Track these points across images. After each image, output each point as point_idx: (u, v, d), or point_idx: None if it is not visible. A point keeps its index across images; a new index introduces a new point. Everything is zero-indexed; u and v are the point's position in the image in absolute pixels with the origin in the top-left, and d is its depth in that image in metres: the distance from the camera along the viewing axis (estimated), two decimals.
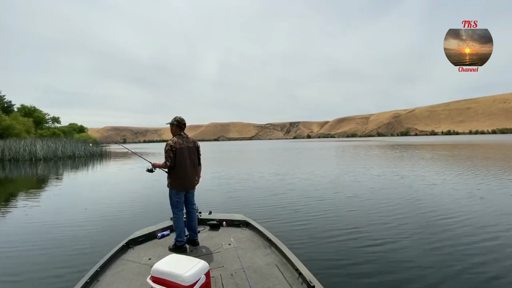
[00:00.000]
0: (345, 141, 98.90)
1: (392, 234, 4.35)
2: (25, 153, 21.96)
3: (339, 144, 57.30)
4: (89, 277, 2.41)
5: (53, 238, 4.57)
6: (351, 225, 4.83)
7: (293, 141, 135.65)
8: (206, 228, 3.75)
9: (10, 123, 31.20)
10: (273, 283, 2.35)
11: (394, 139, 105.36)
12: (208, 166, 16.33)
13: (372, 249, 3.80)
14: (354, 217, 5.35)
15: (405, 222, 4.96)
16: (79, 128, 67.05)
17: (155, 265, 2.01)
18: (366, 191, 7.83)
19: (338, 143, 67.42)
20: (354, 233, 4.41)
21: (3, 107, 39.44)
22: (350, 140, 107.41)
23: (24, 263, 3.68)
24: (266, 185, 9.35)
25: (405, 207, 5.94)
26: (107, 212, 6.17)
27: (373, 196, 7.11)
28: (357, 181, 9.48)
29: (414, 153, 22.60)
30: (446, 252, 3.67)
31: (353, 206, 6.18)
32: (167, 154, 3.11)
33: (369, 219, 5.19)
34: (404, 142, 60.25)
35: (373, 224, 4.86)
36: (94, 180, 12.08)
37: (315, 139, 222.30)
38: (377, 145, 44.27)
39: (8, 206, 7.14)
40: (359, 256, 3.58)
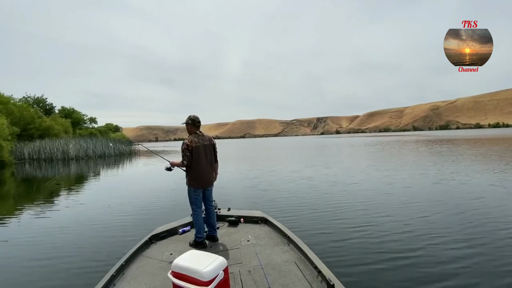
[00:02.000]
0: (378, 136, 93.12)
1: (417, 234, 4.20)
2: (58, 153, 23.07)
3: (372, 139, 53.57)
4: (115, 271, 2.52)
5: (82, 233, 4.89)
6: (373, 224, 4.67)
7: (320, 137, 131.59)
8: (225, 225, 3.79)
9: (50, 124, 33.23)
10: (291, 280, 2.33)
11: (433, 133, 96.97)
12: (229, 163, 16.27)
13: (395, 249, 3.67)
14: (376, 216, 5.13)
15: (433, 221, 4.75)
16: (114, 127, 71.00)
17: (175, 261, 2.03)
18: (392, 189, 7.48)
19: (370, 138, 63.35)
20: (377, 233, 4.28)
21: (45, 110, 42.67)
22: (383, 135, 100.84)
23: (56, 256, 3.94)
24: (286, 182, 9.19)
25: (432, 206, 5.61)
26: (132, 209, 6.49)
27: (398, 194, 6.81)
28: (384, 179, 9.05)
29: (459, 149, 19.76)
30: (479, 252, 3.48)
31: (376, 204, 5.95)
32: (184, 153, 3.16)
33: (392, 218, 4.98)
34: (446, 136, 54.69)
35: (397, 224, 4.67)
36: (120, 178, 12.73)
37: (345, 135, 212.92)
38: (416, 140, 40.42)
39: (39, 205, 7.49)
40: (381, 256, 3.47)
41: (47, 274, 3.42)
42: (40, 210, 6.87)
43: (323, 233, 4.32)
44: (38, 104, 42.43)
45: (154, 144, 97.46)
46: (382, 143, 35.68)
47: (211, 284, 1.85)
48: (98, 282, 2.33)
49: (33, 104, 40.76)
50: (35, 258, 3.92)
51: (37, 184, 11.18)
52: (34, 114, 32.14)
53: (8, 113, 26.08)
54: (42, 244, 4.45)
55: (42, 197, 8.64)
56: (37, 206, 7.36)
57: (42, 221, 5.87)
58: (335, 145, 36.98)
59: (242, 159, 20.79)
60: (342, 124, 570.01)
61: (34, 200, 8.28)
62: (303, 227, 4.60)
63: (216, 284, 1.89)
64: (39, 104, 42.67)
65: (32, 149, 23.15)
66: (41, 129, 31.46)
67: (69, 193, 9.26)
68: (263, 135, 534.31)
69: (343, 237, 4.13)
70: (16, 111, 28.29)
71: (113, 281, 2.45)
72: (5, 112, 25.04)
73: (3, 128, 18.59)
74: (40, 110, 39.88)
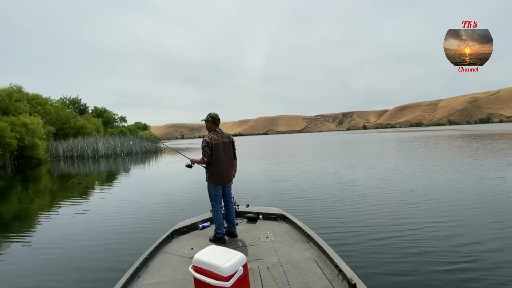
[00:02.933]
0: (411, 131, 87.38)
1: (445, 232, 4.06)
2: (88, 151, 24.09)
3: (405, 135, 50.08)
4: (140, 263, 2.63)
5: (109, 227, 5.21)
6: (397, 223, 4.56)
7: (347, 133, 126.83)
8: (243, 221, 3.84)
9: (83, 123, 35.03)
10: (311, 278, 2.29)
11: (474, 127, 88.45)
12: (248, 160, 16.40)
13: (420, 249, 3.54)
14: (400, 215, 4.97)
15: (476, 226, 4.36)
16: (143, 126, 73.87)
17: (196, 255, 2.06)
18: (418, 187, 7.17)
19: (403, 133, 59.43)
20: (400, 232, 4.16)
21: (80, 110, 45.34)
22: (417, 130, 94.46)
23: (86, 248, 4.22)
24: (305, 179, 9.11)
25: (466, 207, 5.28)
26: (155, 204, 6.80)
27: (425, 192, 6.55)
28: (410, 176, 8.72)
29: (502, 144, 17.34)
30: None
31: (400, 202, 5.79)
32: (204, 150, 3.20)
33: (417, 217, 4.83)
34: (492, 130, 49.35)
35: (422, 223, 4.50)
36: (145, 175, 13.37)
37: (373, 130, 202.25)
38: (461, 134, 36.85)
39: (70, 200, 8.01)
40: (405, 257, 3.35)
41: (75, 265, 3.66)
42: (72, 205, 7.36)
43: (344, 232, 4.23)
44: (73, 105, 45.20)
45: (179, 142, 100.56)
46: (421, 138, 32.93)
47: (231, 279, 1.86)
48: (124, 273, 2.45)
49: (69, 104, 43.48)
50: (67, 250, 4.21)
51: (60, 182, 11.50)
52: (69, 114, 34.15)
53: (46, 113, 27.85)
54: (74, 237, 4.78)
55: (74, 193, 9.22)
56: (68, 201, 7.85)
57: (74, 215, 6.34)
58: (365, 140, 34.95)
59: (262, 156, 20.67)
60: (370, 119, 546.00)
61: (65, 196, 8.85)
62: (322, 225, 4.52)
63: (235, 279, 1.89)
64: (74, 105, 45.44)
65: (66, 147, 24.43)
66: (76, 128, 33.31)
67: (99, 189, 9.90)
68: (286, 131, 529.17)
69: (366, 237, 4.00)
70: (53, 112, 30.15)
71: (138, 273, 2.56)
72: (43, 113, 26.75)
73: (39, 127, 19.69)
74: (75, 110, 42.44)
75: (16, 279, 3.41)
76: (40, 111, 26.43)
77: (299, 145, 34.59)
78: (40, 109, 27.06)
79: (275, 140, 69.47)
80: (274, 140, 69.89)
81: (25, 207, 7.55)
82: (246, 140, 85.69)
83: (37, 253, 4.17)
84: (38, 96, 30.43)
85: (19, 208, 7.50)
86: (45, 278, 3.38)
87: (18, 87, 24.13)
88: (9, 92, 17.85)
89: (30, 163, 20.09)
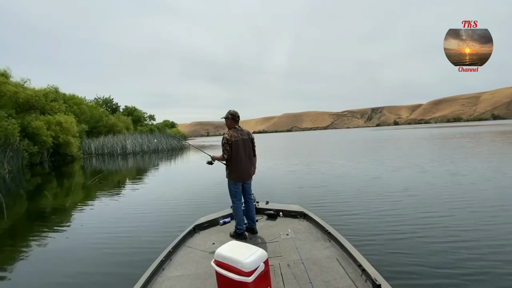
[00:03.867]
0: (449, 126, 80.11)
1: (482, 234, 3.82)
2: (118, 148, 24.96)
3: (445, 131, 45.87)
4: (164, 256, 2.73)
5: (135, 220, 5.50)
6: (423, 223, 4.35)
7: (376, 129, 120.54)
8: (263, 218, 3.86)
9: (114, 122, 36.61)
10: (333, 277, 2.26)
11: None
12: (269, 157, 16.41)
13: (447, 250, 3.39)
14: (427, 215, 4.74)
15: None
16: (170, 124, 76.28)
17: (218, 250, 2.09)
18: (449, 185, 6.96)
19: (440, 129, 54.61)
20: (428, 232, 3.98)
21: (112, 109, 47.67)
22: (456, 126, 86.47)
23: (113, 240, 4.45)
24: (326, 177, 8.95)
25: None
26: (178, 200, 7.06)
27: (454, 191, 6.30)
28: (442, 175, 8.26)
29: None
30: None
31: (426, 202, 5.53)
32: (224, 147, 3.23)
33: (444, 217, 4.60)
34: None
35: (460, 227, 4.14)
36: (169, 172, 13.90)
37: (405, 126, 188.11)
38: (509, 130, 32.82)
39: (99, 196, 8.37)
40: (433, 258, 3.21)
41: (102, 257, 3.86)
42: (101, 200, 7.76)
43: (366, 230, 4.15)
44: (106, 104, 47.62)
45: (205, 139, 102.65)
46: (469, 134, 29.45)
47: (252, 275, 1.87)
48: (150, 265, 2.54)
49: (102, 104, 45.88)
50: (95, 243, 4.39)
51: (91, 178, 11.74)
52: (101, 113, 35.90)
53: (81, 112, 29.44)
54: (103, 229, 5.05)
55: (104, 188, 9.76)
56: (98, 196, 8.28)
57: (103, 210, 6.73)
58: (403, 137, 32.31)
59: (282, 153, 20.51)
60: (401, 115, 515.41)
61: (95, 191, 9.25)
62: (343, 224, 4.42)
63: (257, 275, 1.90)
64: (107, 104, 47.86)
65: (97, 145, 25.55)
66: (107, 126, 34.95)
67: (127, 185, 10.47)
68: (311, 128, 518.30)
69: (390, 238, 3.88)
70: (88, 111, 31.82)
71: (162, 265, 2.65)
72: (78, 112, 28.32)
73: (72, 126, 20.68)
74: (108, 110, 44.66)
75: (54, 266, 3.74)
76: (75, 110, 27.97)
77: (323, 142, 33.41)
78: (76, 108, 28.63)
79: (299, 137, 68.28)
80: (298, 137, 68.64)
81: (60, 201, 7.95)
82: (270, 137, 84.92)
83: (70, 244, 4.50)
84: (75, 97, 32.24)
85: (55, 202, 7.89)
86: (77, 266, 3.63)
87: (54, 87, 25.66)
88: (46, 92, 18.92)
89: (65, 159, 21.19)
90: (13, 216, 6.59)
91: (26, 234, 5.25)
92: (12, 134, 14.66)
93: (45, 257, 4.02)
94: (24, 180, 13.05)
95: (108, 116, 37.68)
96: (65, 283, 3.24)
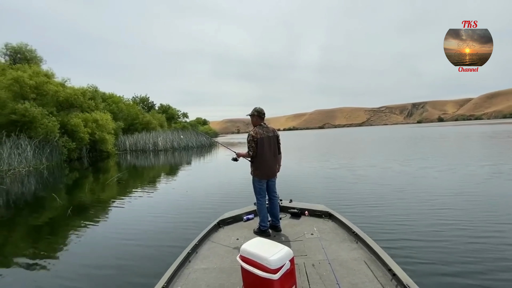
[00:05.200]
0: (506, 123, 69.78)
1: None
2: (149, 144, 25.86)
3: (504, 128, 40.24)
4: (190, 249, 2.83)
5: (162, 214, 5.80)
6: (461, 226, 4.16)
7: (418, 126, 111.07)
8: (287, 216, 3.85)
9: (149, 119, 38.37)
10: (361, 280, 2.19)
11: None
12: (294, 155, 16.32)
13: (490, 262, 3.10)
14: (465, 218, 4.53)
15: None
16: (203, 121, 78.39)
17: (244, 246, 2.12)
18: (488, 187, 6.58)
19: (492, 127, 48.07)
20: (473, 243, 3.63)
21: (148, 107, 50.08)
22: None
23: (142, 233, 4.70)
24: (353, 177, 8.72)
25: None
26: (203, 195, 7.33)
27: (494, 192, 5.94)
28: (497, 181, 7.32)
29: None
30: None
31: (472, 210, 5.04)
32: (249, 144, 3.27)
33: (486, 220, 4.36)
34: None
35: (497, 231, 3.93)
36: (197, 168, 14.34)
37: (452, 123, 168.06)
38: None
39: (131, 191, 8.82)
40: (471, 263, 3.06)
41: (132, 248, 4.08)
42: (133, 195, 8.17)
43: (396, 233, 4.02)
44: (143, 102, 50.19)
45: (235, 136, 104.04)
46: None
47: (278, 272, 1.86)
48: (177, 258, 2.65)
49: (139, 102, 48.42)
50: (126, 237, 4.60)
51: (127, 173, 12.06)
52: (138, 111, 37.76)
53: (119, 110, 31.19)
54: (133, 223, 5.37)
55: (137, 182, 10.34)
56: (131, 191, 8.70)
57: (134, 203, 7.07)
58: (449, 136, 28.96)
59: (310, 151, 20.25)
60: (447, 110, 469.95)
61: (127, 186, 9.73)
62: (371, 226, 4.28)
63: (283, 273, 1.89)
64: (143, 102, 50.42)
65: (131, 141, 26.74)
66: (143, 123, 36.69)
67: (157, 181, 10.91)
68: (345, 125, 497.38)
69: (423, 239, 3.75)
70: (125, 109, 33.62)
71: (189, 258, 2.75)
72: (116, 110, 30.04)
73: (107, 123, 21.78)
74: (144, 108, 46.98)
75: (88, 257, 3.95)
76: (114, 108, 29.67)
77: (357, 140, 31.62)
78: (114, 106, 30.38)
79: (330, 134, 65.71)
80: (330, 134, 65.98)
81: (94, 196, 8.36)
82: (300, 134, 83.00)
83: (103, 236, 4.79)
84: (113, 95, 34.27)
85: (90, 196, 8.31)
86: (111, 258, 3.86)
87: (93, 86, 27.42)
88: (83, 91, 20.16)
89: (101, 155, 22.41)
90: (51, 209, 7.02)
91: (63, 226, 5.66)
92: (52, 131, 15.73)
93: (80, 249, 4.30)
94: (63, 175, 13.87)
95: (143, 114, 39.54)
96: (99, 274, 3.42)
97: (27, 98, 15.61)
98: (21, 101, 14.98)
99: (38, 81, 16.22)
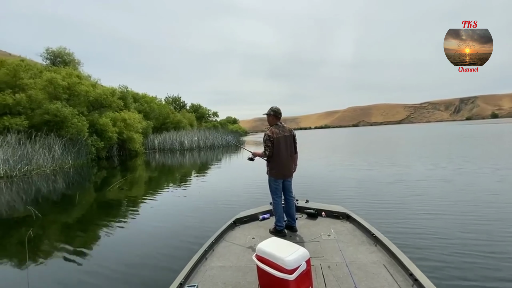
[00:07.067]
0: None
1: None
2: (176, 144, 26.02)
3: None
4: (207, 247, 2.87)
5: (181, 211, 6.16)
6: (486, 232, 3.96)
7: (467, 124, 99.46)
8: (303, 216, 3.82)
9: (179, 118, 39.24)
10: (380, 284, 2.12)
11: None
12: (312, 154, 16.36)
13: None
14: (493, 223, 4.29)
15: None
16: (233, 120, 79.01)
17: (259, 245, 2.13)
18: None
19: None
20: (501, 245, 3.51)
21: (180, 106, 51.45)
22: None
23: (163, 231, 4.98)
24: (373, 178, 8.44)
25: None
26: (221, 194, 7.54)
27: None
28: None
29: None
30: None
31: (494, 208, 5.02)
32: (265, 144, 3.29)
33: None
34: None
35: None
36: (219, 168, 14.51)
37: (508, 120, 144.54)
38: None
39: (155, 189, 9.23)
40: (504, 274, 2.87)
41: (151, 246, 4.24)
42: (156, 193, 8.40)
43: (417, 237, 3.89)
44: (175, 102, 51.72)
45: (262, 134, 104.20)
46: None
47: (294, 273, 1.86)
48: (194, 255, 2.69)
49: (171, 102, 49.94)
50: (147, 234, 4.85)
51: (150, 172, 11.94)
52: (169, 110, 38.74)
53: (151, 110, 32.15)
54: (155, 221, 5.61)
55: (161, 180, 10.67)
56: (155, 190, 9.04)
57: (157, 201, 7.29)
58: None
59: (328, 150, 19.95)
60: (503, 105, 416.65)
61: (151, 185, 10.10)
62: (390, 229, 4.11)
63: (299, 274, 1.88)
64: (175, 102, 51.95)
65: (160, 140, 27.20)
66: (174, 122, 37.55)
67: (181, 179, 11.11)
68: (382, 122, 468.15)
69: (446, 243, 3.63)
70: (157, 108, 34.62)
71: (205, 255, 2.78)
72: (148, 109, 30.98)
73: (135, 122, 22.20)
74: (175, 107, 48.30)
75: (111, 253, 4.16)
76: (146, 108, 30.60)
77: (393, 138, 29.58)
78: (146, 106, 31.35)
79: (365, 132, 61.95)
80: (364, 132, 62.10)
81: (123, 194, 8.47)
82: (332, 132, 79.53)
83: (125, 234, 5.01)
84: (146, 95, 35.50)
85: (115, 194, 8.49)
86: (132, 254, 4.00)
87: (124, 86, 28.44)
88: (112, 90, 20.73)
89: (130, 154, 22.92)
90: (80, 206, 7.36)
91: (92, 223, 5.94)
92: (81, 130, 16.24)
93: (104, 245, 4.54)
94: (91, 174, 14.15)
95: (174, 113, 40.50)
96: (120, 270, 3.54)
97: (60, 98, 16.29)
98: (53, 102, 15.64)
99: (70, 82, 16.84)
